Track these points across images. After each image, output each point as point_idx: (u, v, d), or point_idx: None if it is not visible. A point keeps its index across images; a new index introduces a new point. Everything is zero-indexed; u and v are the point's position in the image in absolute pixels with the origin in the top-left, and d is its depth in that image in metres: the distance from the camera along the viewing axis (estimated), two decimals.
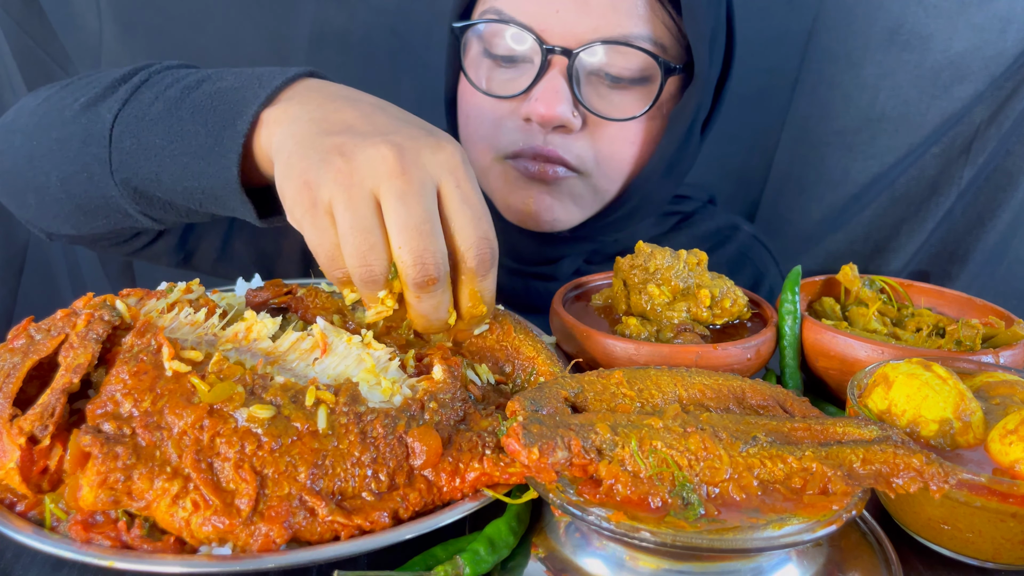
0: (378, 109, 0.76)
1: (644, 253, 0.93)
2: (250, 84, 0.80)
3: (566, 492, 0.59)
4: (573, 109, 1.06)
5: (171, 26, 1.61)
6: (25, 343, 0.67)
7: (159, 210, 0.90)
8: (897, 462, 0.60)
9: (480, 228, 0.71)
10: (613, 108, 1.08)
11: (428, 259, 0.68)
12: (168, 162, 0.83)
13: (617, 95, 1.08)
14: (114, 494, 0.58)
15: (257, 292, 0.86)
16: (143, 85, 0.88)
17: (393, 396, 0.67)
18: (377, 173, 0.68)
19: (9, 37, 1.58)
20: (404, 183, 0.67)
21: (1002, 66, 1.50)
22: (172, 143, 0.83)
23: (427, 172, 0.69)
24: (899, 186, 1.63)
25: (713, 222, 1.40)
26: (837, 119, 1.64)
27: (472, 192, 0.71)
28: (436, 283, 0.69)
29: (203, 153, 0.80)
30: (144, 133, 0.84)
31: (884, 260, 1.67)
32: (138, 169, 0.85)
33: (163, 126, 0.83)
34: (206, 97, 0.82)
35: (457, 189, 0.70)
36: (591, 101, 1.07)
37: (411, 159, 0.68)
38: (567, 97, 1.04)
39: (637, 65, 1.06)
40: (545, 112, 1.04)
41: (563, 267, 1.25)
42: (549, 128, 1.07)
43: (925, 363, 0.72)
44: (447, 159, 0.70)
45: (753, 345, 0.86)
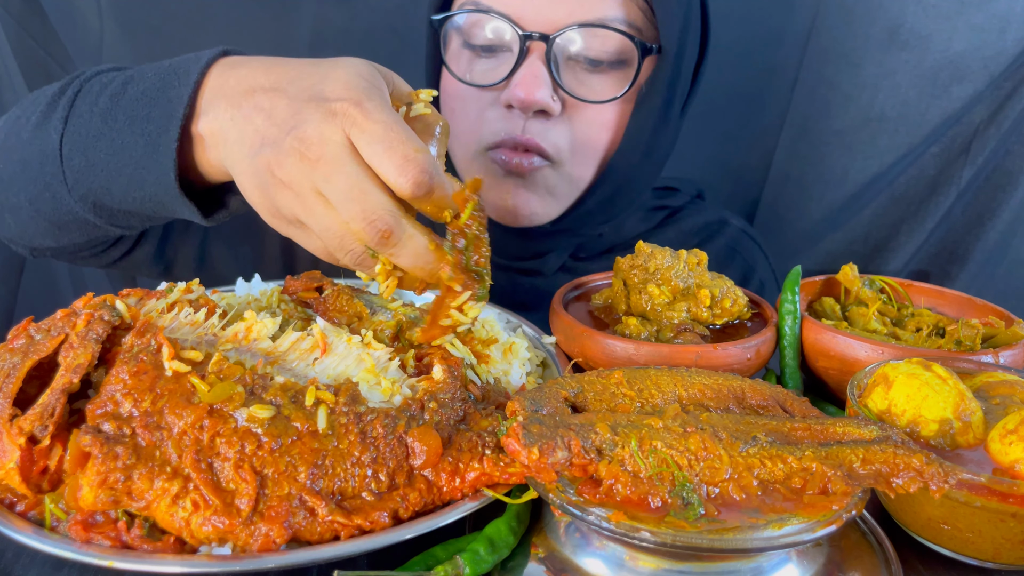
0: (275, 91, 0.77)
1: (644, 253, 0.93)
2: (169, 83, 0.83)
3: (566, 492, 0.59)
4: (553, 93, 1.07)
5: (171, 26, 1.61)
6: (25, 343, 0.67)
7: (121, 219, 0.93)
8: (897, 462, 0.60)
9: (397, 152, 0.69)
10: (592, 92, 1.09)
11: (371, 215, 0.70)
12: (115, 175, 0.86)
13: (596, 79, 1.09)
14: (114, 494, 0.58)
15: (293, 281, 0.89)
16: (77, 98, 0.90)
17: (393, 396, 0.67)
18: (302, 174, 0.71)
19: (10, 37, 1.58)
20: (323, 168, 0.70)
21: (1001, 66, 1.50)
22: (115, 156, 0.85)
23: (333, 142, 0.70)
24: (899, 186, 1.63)
25: (701, 217, 1.40)
26: (837, 119, 1.64)
27: (375, 125, 0.70)
28: (393, 232, 0.70)
29: (143, 163, 0.83)
30: (89, 149, 0.87)
31: (884, 260, 1.67)
32: (91, 184, 0.88)
33: (105, 141, 0.86)
34: (133, 102, 0.85)
35: (360, 135, 0.70)
36: (570, 85, 1.08)
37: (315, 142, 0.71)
38: (547, 81, 1.06)
39: (614, 48, 1.07)
40: (525, 96, 1.05)
41: (549, 262, 1.25)
42: (530, 114, 1.08)
43: (925, 363, 0.72)
44: (342, 116, 0.71)
45: (753, 345, 0.86)
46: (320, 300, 0.86)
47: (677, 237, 1.34)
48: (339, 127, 0.71)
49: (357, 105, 0.71)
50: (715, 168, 1.77)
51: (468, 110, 1.13)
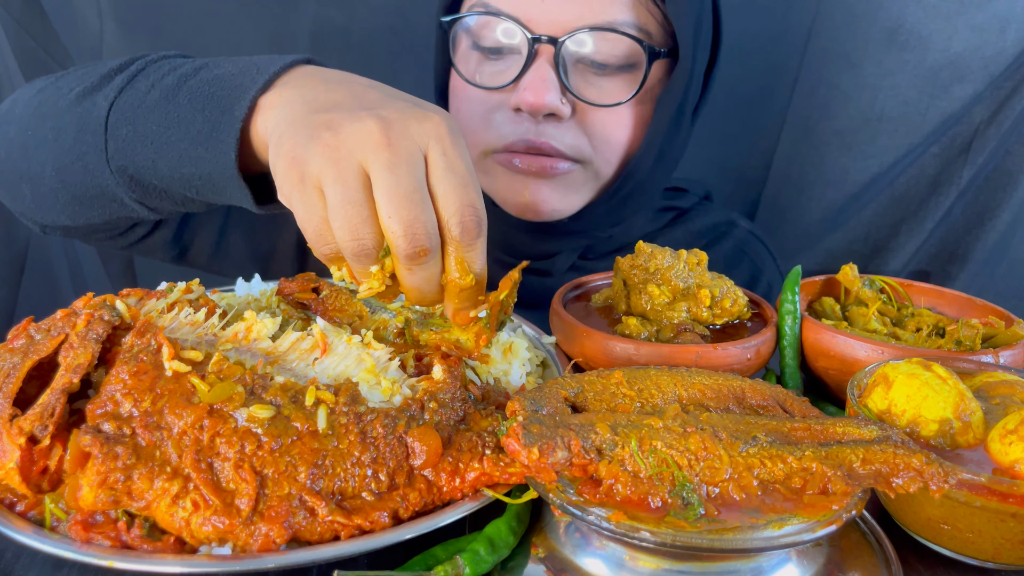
0: (369, 88, 0.76)
1: (644, 253, 0.93)
2: (247, 71, 0.80)
3: (566, 492, 0.59)
4: (561, 97, 1.07)
5: (171, 26, 1.61)
6: (25, 343, 0.67)
7: (155, 198, 0.90)
8: (897, 462, 0.60)
9: (465, 195, 0.68)
10: (601, 95, 1.09)
11: (418, 228, 0.66)
12: (165, 149, 0.83)
13: (605, 82, 1.09)
14: (114, 494, 0.58)
15: (287, 283, 0.88)
16: (139, 74, 0.87)
17: (393, 396, 0.67)
18: (364, 146, 0.67)
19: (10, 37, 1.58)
20: (391, 154, 0.67)
21: (1001, 66, 1.50)
22: (169, 130, 0.82)
23: (414, 142, 0.68)
24: (899, 186, 1.63)
25: (709, 218, 1.40)
26: (837, 119, 1.64)
27: (458, 159, 0.69)
28: (427, 254, 0.68)
29: (200, 139, 0.80)
30: (140, 121, 0.84)
31: (884, 260, 1.68)
32: (134, 157, 0.85)
33: (160, 113, 0.83)
34: (203, 84, 0.82)
35: (443, 157, 0.69)
36: (579, 88, 1.08)
37: (398, 130, 0.68)
38: (555, 85, 1.06)
39: (623, 51, 1.07)
40: (534, 100, 1.05)
41: (558, 262, 1.25)
42: (539, 117, 1.08)
43: (925, 363, 0.72)
44: (433, 128, 0.69)
45: (753, 345, 0.86)
46: (319, 300, 0.86)
47: (685, 238, 1.34)
48: (427, 134, 0.69)
49: (450, 131, 0.70)
50: (715, 168, 1.77)
51: (475, 112, 1.13)
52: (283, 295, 0.88)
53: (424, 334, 0.80)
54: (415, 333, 0.81)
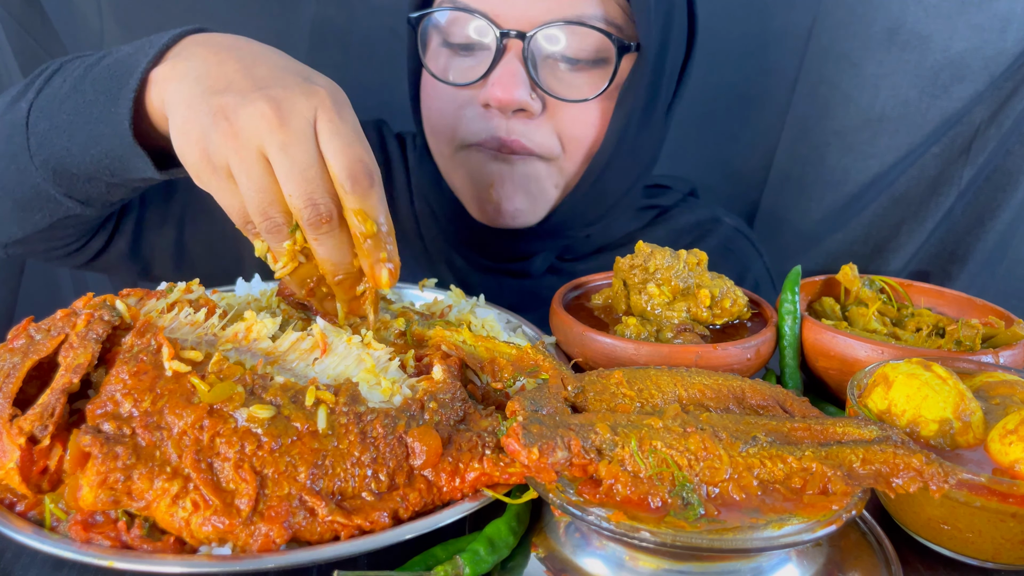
0: (259, 58, 0.79)
1: (644, 253, 0.93)
2: (141, 48, 0.85)
3: (566, 492, 0.59)
4: (531, 92, 1.06)
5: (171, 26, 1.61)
6: (25, 343, 0.67)
7: (80, 188, 0.94)
8: (897, 462, 0.60)
9: (351, 151, 0.73)
10: (571, 90, 1.08)
11: (317, 198, 0.71)
12: (76, 133, 0.87)
13: (575, 77, 1.08)
14: (114, 494, 0.58)
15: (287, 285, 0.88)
16: (55, 74, 0.93)
17: (393, 396, 0.67)
18: (259, 130, 0.72)
19: (10, 37, 1.58)
20: (284, 135, 0.72)
21: (1002, 66, 1.50)
22: (78, 115, 0.87)
23: (303, 117, 0.73)
24: (899, 186, 1.63)
25: (693, 215, 1.38)
26: (837, 119, 1.64)
27: (342, 123, 0.74)
28: (330, 220, 0.72)
29: (102, 118, 0.85)
30: (55, 114, 0.89)
31: (884, 260, 1.67)
32: (52, 148, 0.90)
33: (70, 103, 0.88)
34: (105, 69, 0.87)
35: (328, 124, 0.73)
36: (549, 83, 1.07)
37: (287, 108, 0.73)
38: (524, 80, 1.05)
39: (592, 46, 1.06)
40: (502, 96, 1.04)
41: (535, 264, 1.24)
42: (509, 113, 1.07)
43: (925, 363, 0.72)
44: (320, 101, 0.74)
45: (753, 345, 0.86)
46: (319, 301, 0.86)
47: (668, 236, 1.32)
48: (313, 108, 0.74)
49: (335, 102, 0.75)
50: (715, 169, 1.77)
51: (446, 109, 1.13)
52: (284, 296, 0.88)
53: (428, 332, 0.80)
54: (417, 332, 0.81)
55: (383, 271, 0.76)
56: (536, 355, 0.77)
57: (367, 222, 0.73)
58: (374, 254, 0.75)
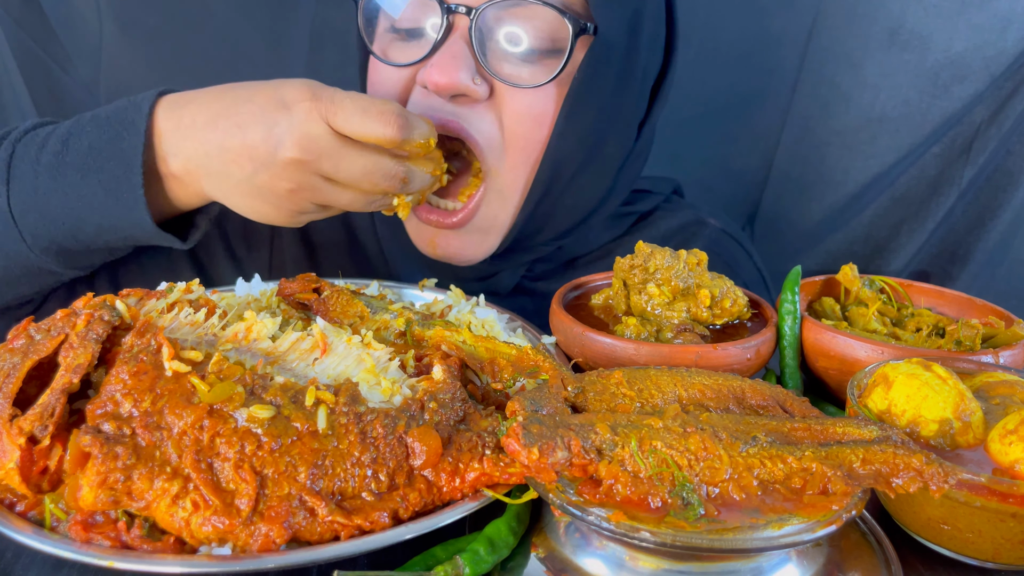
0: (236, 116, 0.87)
1: (644, 253, 0.93)
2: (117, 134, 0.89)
3: (566, 492, 0.58)
4: (475, 75, 0.97)
5: (171, 26, 1.61)
6: (25, 343, 0.67)
7: (83, 259, 0.98)
8: (897, 462, 0.60)
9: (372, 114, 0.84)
10: (521, 78, 0.99)
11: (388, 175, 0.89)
12: (80, 223, 0.91)
13: (527, 66, 0.99)
14: (114, 494, 0.58)
15: (288, 284, 0.89)
16: (12, 159, 0.93)
17: (393, 396, 0.67)
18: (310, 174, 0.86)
19: (9, 37, 1.58)
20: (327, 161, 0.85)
21: (1002, 66, 1.50)
22: (73, 208, 0.90)
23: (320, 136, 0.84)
24: (899, 186, 1.63)
25: (675, 219, 1.27)
26: (837, 119, 1.64)
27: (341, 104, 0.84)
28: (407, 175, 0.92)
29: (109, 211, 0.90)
30: (43, 206, 0.91)
31: (884, 260, 1.68)
32: (52, 236, 0.93)
33: (58, 196, 0.90)
34: (83, 157, 0.90)
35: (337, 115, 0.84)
36: (496, 67, 0.98)
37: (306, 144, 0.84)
38: (467, 63, 0.96)
39: (547, 30, 0.97)
40: (440, 79, 0.95)
41: (502, 280, 1.17)
42: (447, 97, 0.98)
43: (925, 363, 0.72)
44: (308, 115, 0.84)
45: (753, 345, 0.86)
46: (319, 301, 0.86)
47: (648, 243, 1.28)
48: (317, 122, 0.83)
49: (316, 99, 0.83)
50: (715, 169, 1.77)
51: (389, 92, 1.04)
52: (284, 295, 0.88)
53: (428, 332, 0.80)
54: (417, 332, 0.81)
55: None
56: (536, 356, 0.77)
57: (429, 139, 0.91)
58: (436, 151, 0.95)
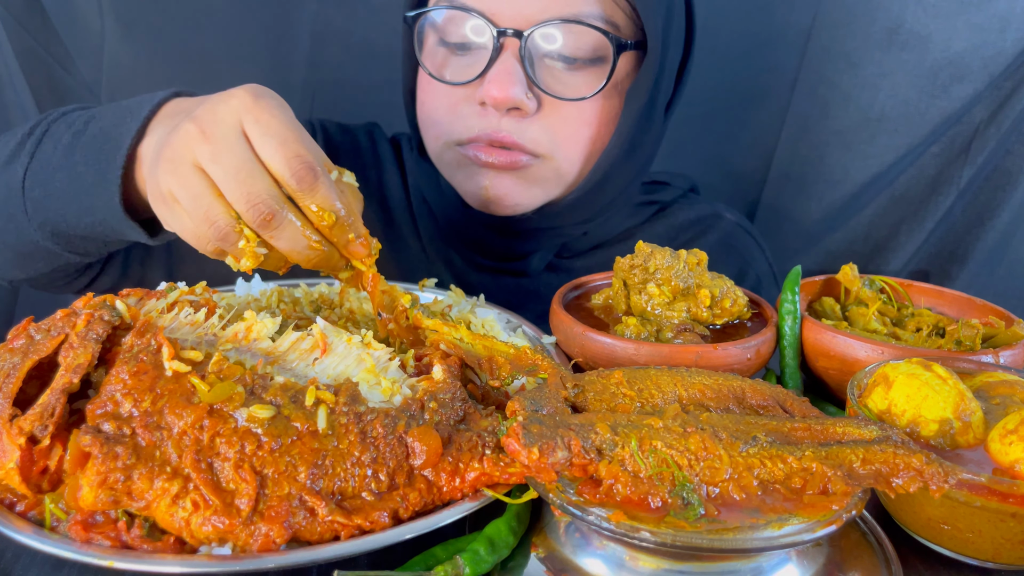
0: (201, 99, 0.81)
1: (644, 253, 0.93)
2: (123, 119, 0.89)
3: (566, 492, 0.59)
4: (527, 91, 1.06)
5: (172, 26, 1.61)
6: (25, 343, 0.67)
7: (78, 245, 0.99)
8: (897, 462, 0.60)
9: (287, 148, 0.73)
10: (568, 89, 1.08)
11: (256, 198, 0.71)
12: (70, 202, 0.92)
13: (572, 76, 1.08)
14: (114, 494, 0.58)
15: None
16: (44, 136, 0.96)
17: (393, 396, 0.67)
18: (189, 148, 0.74)
19: (11, 37, 1.58)
20: (210, 146, 0.73)
21: (1001, 66, 1.50)
22: (71, 185, 0.91)
23: (226, 124, 0.73)
24: (899, 186, 1.63)
25: (693, 211, 1.36)
26: (837, 119, 1.64)
27: (271, 119, 0.74)
28: (274, 216, 0.72)
29: (93, 191, 0.89)
30: (48, 182, 0.94)
31: (884, 260, 1.68)
32: (48, 213, 0.95)
33: (64, 172, 0.92)
34: (91, 139, 0.91)
35: (256, 124, 0.73)
36: (545, 82, 1.07)
37: (208, 120, 0.74)
38: (520, 79, 1.05)
39: (590, 44, 1.06)
40: (498, 95, 1.04)
41: (533, 262, 1.24)
42: (504, 111, 1.07)
43: (925, 363, 0.72)
44: (239, 104, 0.74)
45: (753, 345, 0.86)
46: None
47: (667, 232, 1.32)
48: (234, 112, 0.74)
49: (256, 98, 0.75)
50: (715, 168, 1.77)
51: (441, 106, 1.13)
52: None
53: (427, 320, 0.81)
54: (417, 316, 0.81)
55: (356, 247, 0.77)
56: (534, 355, 0.77)
57: (324, 214, 0.74)
58: (342, 238, 0.76)
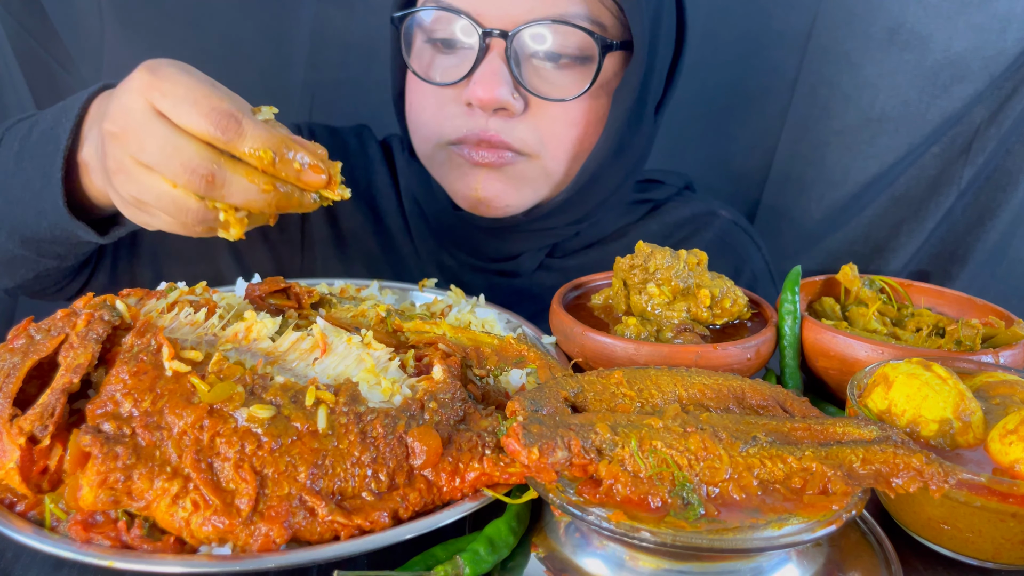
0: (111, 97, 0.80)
1: (644, 253, 0.93)
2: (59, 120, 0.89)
3: (566, 492, 0.59)
4: (513, 91, 1.05)
5: (172, 26, 1.61)
6: (25, 343, 0.67)
7: (48, 249, 0.99)
8: (897, 462, 0.60)
9: (198, 107, 0.71)
10: (555, 89, 1.08)
11: (189, 166, 0.71)
12: (26, 208, 0.93)
13: (558, 76, 1.08)
14: (114, 494, 0.58)
15: (256, 286, 0.87)
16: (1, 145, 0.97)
17: (393, 396, 0.67)
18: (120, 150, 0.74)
19: (11, 37, 1.58)
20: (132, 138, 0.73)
21: (1002, 66, 1.50)
22: (24, 191, 0.93)
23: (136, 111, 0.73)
24: (899, 186, 1.63)
25: (687, 209, 1.35)
26: (837, 119, 1.64)
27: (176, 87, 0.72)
28: (214, 175, 0.71)
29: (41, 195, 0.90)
30: (8, 189, 0.94)
31: (884, 260, 1.67)
32: (13, 220, 0.96)
33: (18, 179, 0.93)
34: (35, 143, 0.92)
35: (163, 98, 0.72)
36: (532, 82, 1.07)
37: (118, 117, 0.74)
38: (506, 79, 1.05)
39: (576, 44, 1.06)
40: (483, 95, 1.04)
41: (524, 262, 1.24)
42: (490, 111, 1.07)
43: (925, 363, 0.72)
44: (139, 85, 0.73)
45: (753, 345, 0.86)
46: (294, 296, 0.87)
47: (661, 231, 1.31)
48: (139, 95, 0.73)
49: (153, 72, 0.74)
50: (715, 168, 1.77)
51: (429, 106, 1.13)
52: (252, 299, 0.87)
53: (407, 324, 0.81)
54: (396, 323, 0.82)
55: (309, 176, 0.74)
56: (520, 345, 0.76)
57: (261, 152, 0.72)
58: (289, 170, 0.73)
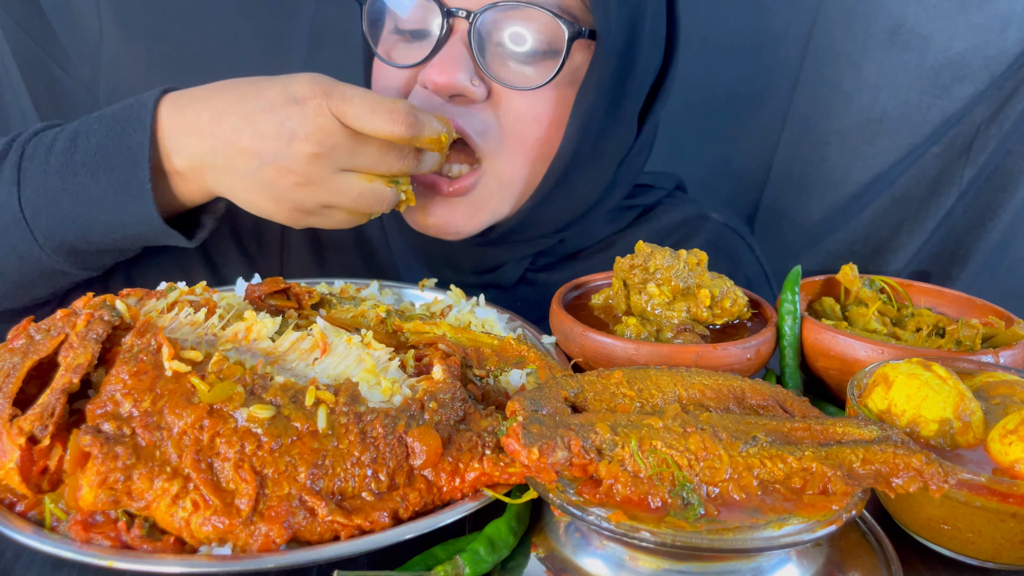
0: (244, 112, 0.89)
1: (644, 253, 0.93)
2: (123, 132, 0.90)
3: (566, 492, 0.59)
4: (473, 77, 1.00)
5: (171, 26, 1.61)
6: (25, 343, 0.67)
7: (95, 260, 1.00)
8: (897, 462, 0.60)
9: (383, 110, 0.85)
10: (519, 79, 1.01)
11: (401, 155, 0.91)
12: (90, 223, 0.93)
13: (524, 68, 1.01)
14: (114, 494, 0.58)
15: (256, 287, 0.87)
16: (23, 160, 0.95)
17: (393, 396, 0.67)
18: (323, 165, 0.87)
19: (9, 37, 1.58)
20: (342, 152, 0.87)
21: (1002, 66, 1.50)
22: (84, 208, 0.92)
23: (333, 130, 0.86)
24: (899, 186, 1.63)
25: (678, 213, 1.30)
26: (837, 119, 1.64)
27: (352, 101, 0.85)
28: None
29: (119, 209, 0.91)
30: (54, 206, 0.93)
31: (884, 260, 1.67)
32: (64, 236, 0.94)
33: (69, 196, 0.92)
34: (90, 157, 0.92)
35: (347, 113, 0.85)
36: (495, 70, 1.00)
37: (320, 138, 0.86)
38: (466, 64, 0.99)
39: (543, 32, 0.99)
40: (438, 79, 0.98)
41: (506, 273, 1.19)
42: (446, 97, 1.01)
43: (925, 363, 0.72)
44: (325, 109, 0.85)
45: (753, 345, 0.86)
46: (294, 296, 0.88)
47: (650, 237, 1.22)
48: (329, 116, 0.85)
49: (327, 96, 0.85)
50: (716, 168, 1.77)
51: (390, 93, 1.07)
52: (254, 300, 0.87)
53: (407, 324, 0.81)
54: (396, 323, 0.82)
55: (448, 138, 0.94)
56: (519, 345, 0.76)
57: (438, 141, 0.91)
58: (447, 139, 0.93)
